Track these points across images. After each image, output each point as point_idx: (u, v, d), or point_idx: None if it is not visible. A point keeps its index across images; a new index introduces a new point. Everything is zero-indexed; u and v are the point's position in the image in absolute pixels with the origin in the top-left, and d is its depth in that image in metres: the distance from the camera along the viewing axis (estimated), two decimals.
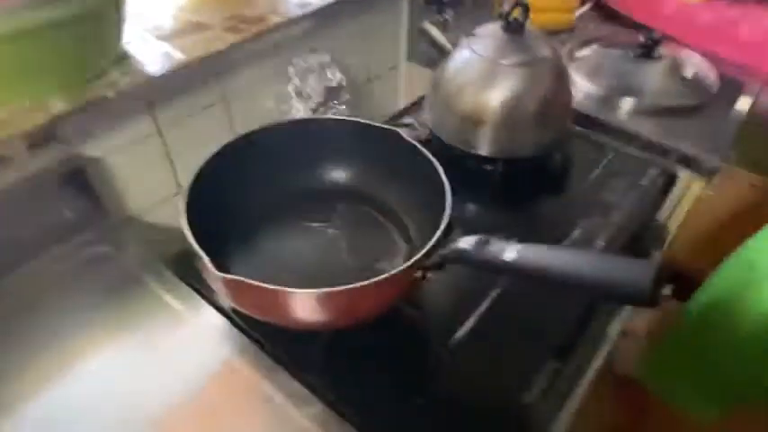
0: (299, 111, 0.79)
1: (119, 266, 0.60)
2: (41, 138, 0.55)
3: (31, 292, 0.56)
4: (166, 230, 0.70)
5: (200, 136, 0.72)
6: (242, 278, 0.43)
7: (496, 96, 0.70)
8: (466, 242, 0.44)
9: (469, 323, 0.57)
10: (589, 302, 0.58)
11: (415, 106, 0.93)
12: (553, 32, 1.05)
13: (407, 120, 0.88)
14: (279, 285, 0.43)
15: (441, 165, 0.55)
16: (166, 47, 0.67)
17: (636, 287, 0.34)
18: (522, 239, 0.66)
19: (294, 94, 0.78)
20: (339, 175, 0.66)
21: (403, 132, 0.60)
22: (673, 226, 0.79)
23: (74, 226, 0.62)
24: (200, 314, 0.56)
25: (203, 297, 0.56)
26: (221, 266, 0.44)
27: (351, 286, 0.42)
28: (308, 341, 0.54)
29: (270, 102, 0.79)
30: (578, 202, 0.73)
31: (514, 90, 0.69)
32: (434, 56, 0.79)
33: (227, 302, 0.55)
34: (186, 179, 0.54)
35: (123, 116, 0.63)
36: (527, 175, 0.76)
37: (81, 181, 0.61)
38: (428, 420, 0.49)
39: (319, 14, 0.80)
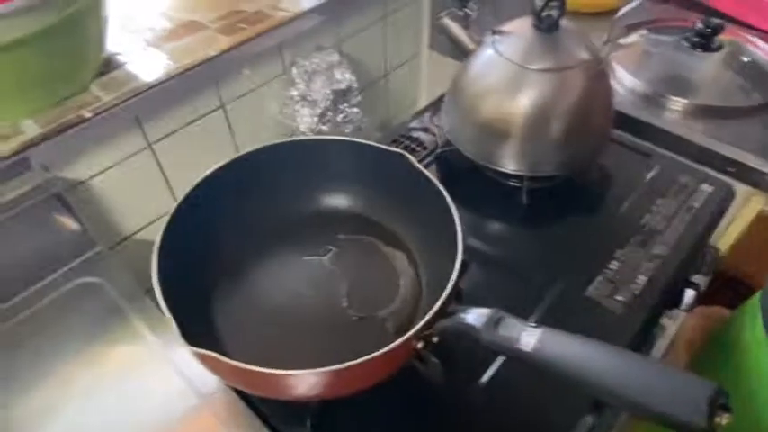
0: (305, 117, 0.72)
1: (103, 298, 0.56)
2: (14, 167, 0.51)
3: (16, 328, 0.53)
4: None
5: (199, 148, 0.66)
6: (216, 355, 0.37)
7: (523, 106, 0.61)
8: (476, 317, 0.37)
9: (491, 371, 0.51)
10: None
11: (437, 104, 0.84)
12: (594, 15, 0.93)
13: (426, 123, 0.80)
14: (260, 355, 0.37)
15: (458, 177, 0.47)
16: (156, 53, 0.61)
17: (687, 417, 0.26)
18: (549, 273, 0.62)
19: (299, 99, 0.71)
20: (340, 200, 0.59)
21: (409, 155, 0.53)
22: (725, 246, 0.70)
23: (59, 256, 0.57)
24: (178, 354, 0.51)
25: None
26: (200, 316, 0.39)
27: (337, 367, 0.36)
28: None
29: (273, 107, 0.72)
30: (617, 227, 0.64)
31: (544, 99, 0.60)
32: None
33: None
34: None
35: (108, 134, 0.58)
36: (556, 194, 0.67)
37: (64, 207, 0.56)
38: None
39: (327, 6, 0.71)
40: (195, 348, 0.37)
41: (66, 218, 0.57)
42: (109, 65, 0.59)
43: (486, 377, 0.51)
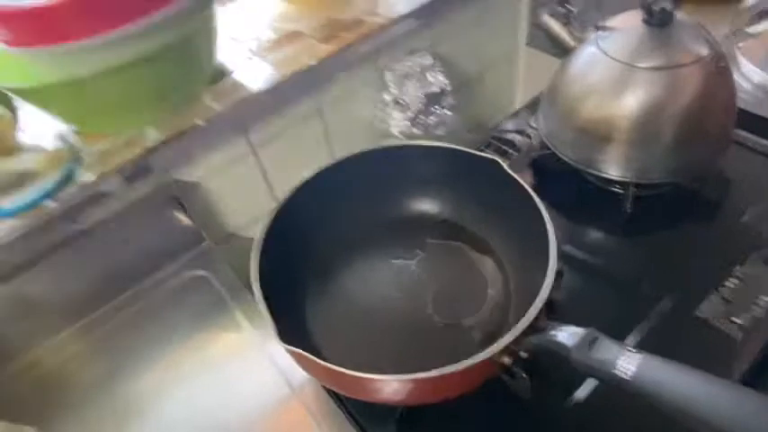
0: (397, 120, 0.72)
1: (209, 291, 0.61)
2: (137, 170, 0.56)
3: (132, 318, 0.60)
4: None
5: (297, 151, 0.69)
6: (307, 354, 0.39)
7: (629, 107, 0.56)
8: (567, 335, 0.35)
9: (586, 388, 0.48)
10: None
11: (533, 105, 0.81)
12: (715, 3, 0.84)
13: (521, 124, 0.77)
14: (347, 358, 0.38)
15: (554, 182, 0.45)
16: (261, 63, 0.65)
17: None
18: (653, 288, 0.57)
19: (392, 103, 0.72)
20: (430, 205, 0.59)
21: (502, 162, 0.51)
22: None
23: (172, 250, 0.63)
24: (276, 347, 0.54)
25: None
26: (294, 316, 0.41)
27: (422, 375, 0.36)
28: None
29: (366, 111, 0.74)
30: (736, 240, 0.58)
31: (654, 100, 0.55)
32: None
33: None
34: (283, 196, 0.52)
35: (217, 139, 0.62)
36: (665, 201, 0.62)
37: (177, 206, 0.62)
38: None
39: (423, 10, 0.71)
40: (289, 347, 0.39)
41: (180, 216, 0.63)
42: (218, 75, 0.63)
43: (581, 394, 0.48)
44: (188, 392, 0.53)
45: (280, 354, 0.53)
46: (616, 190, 0.64)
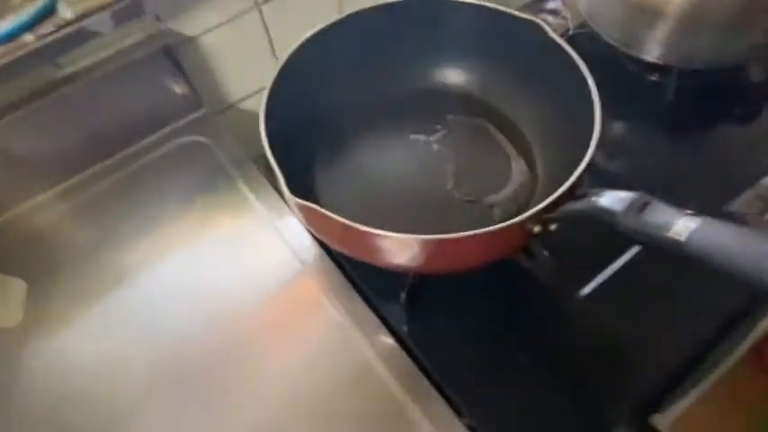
0: None
1: (210, 159, 0.57)
2: (126, 8, 0.49)
3: (128, 179, 0.56)
4: None
5: (305, 9, 0.62)
6: (320, 209, 0.35)
7: None
8: (613, 200, 0.31)
9: (597, 280, 0.46)
10: None
11: None
12: None
13: (555, 2, 0.70)
14: (361, 222, 0.35)
15: (593, 69, 0.40)
16: None
17: None
18: (688, 182, 0.53)
19: None
20: (455, 75, 0.53)
21: (545, 25, 0.45)
22: None
23: (168, 113, 0.58)
24: (283, 221, 0.51)
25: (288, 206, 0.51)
26: (303, 182, 0.37)
27: (443, 236, 0.33)
28: (396, 277, 0.46)
29: None
30: None
31: None
32: None
33: None
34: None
35: None
36: (710, 92, 0.57)
37: (174, 64, 0.56)
38: (528, 385, 0.42)
39: None
40: (299, 200, 0.36)
41: (175, 75, 0.56)
42: None
43: (587, 289, 0.47)
44: (186, 266, 0.50)
45: (290, 229, 0.50)
46: (655, 79, 0.58)
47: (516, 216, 0.34)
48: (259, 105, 0.43)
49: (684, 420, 0.45)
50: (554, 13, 0.69)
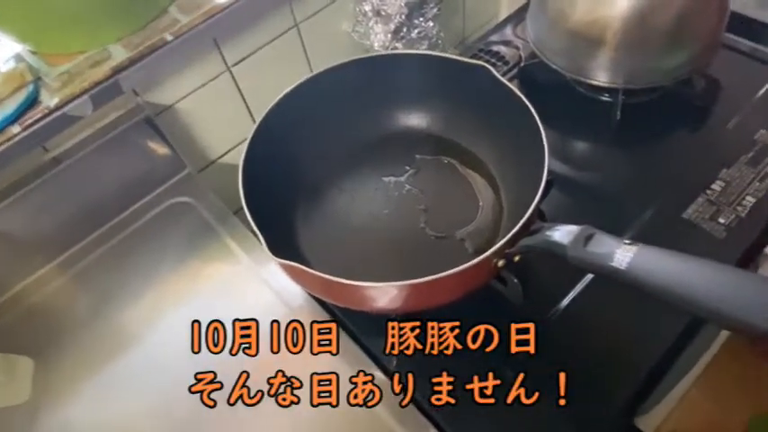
0: (378, 34, 0.69)
1: (195, 217, 0.60)
2: (105, 91, 0.53)
3: (121, 245, 0.58)
4: None
5: (274, 68, 0.66)
6: (299, 266, 0.38)
7: (621, 7, 0.54)
8: (563, 234, 0.35)
9: (570, 296, 0.50)
10: None
11: (520, 14, 0.78)
12: None
13: (508, 35, 0.74)
14: (341, 271, 0.38)
15: (543, 93, 0.44)
16: None
17: None
18: (642, 194, 0.56)
19: (372, 15, 0.68)
20: (418, 120, 0.57)
21: (491, 68, 0.49)
22: None
23: (153, 178, 0.61)
24: (267, 270, 0.53)
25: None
26: (283, 235, 0.40)
27: (415, 281, 0.36)
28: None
29: (345, 25, 0.70)
30: (723, 145, 0.58)
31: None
32: None
33: None
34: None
35: (188, 57, 0.59)
36: (654, 109, 0.61)
37: (155, 131, 0.59)
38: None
39: None
40: (281, 260, 0.39)
41: (156, 142, 0.60)
42: None
43: (564, 302, 0.50)
44: (183, 320, 0.51)
45: (274, 277, 0.53)
46: (605, 99, 0.63)
47: (487, 247, 0.38)
48: (239, 158, 0.46)
49: (668, 421, 0.48)
50: (507, 43, 0.73)
